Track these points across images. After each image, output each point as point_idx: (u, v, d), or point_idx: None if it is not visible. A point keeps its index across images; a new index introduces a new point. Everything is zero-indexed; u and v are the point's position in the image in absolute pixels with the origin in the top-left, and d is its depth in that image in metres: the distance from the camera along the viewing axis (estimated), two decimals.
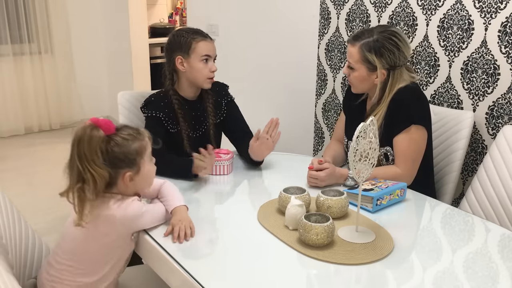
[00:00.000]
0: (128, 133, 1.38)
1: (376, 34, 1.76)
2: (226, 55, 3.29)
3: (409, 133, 1.76)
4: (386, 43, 1.75)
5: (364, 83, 1.82)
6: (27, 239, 1.53)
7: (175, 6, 5.77)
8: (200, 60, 1.91)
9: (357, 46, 1.78)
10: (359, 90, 1.88)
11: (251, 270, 1.25)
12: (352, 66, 1.80)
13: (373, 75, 1.79)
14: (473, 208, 1.81)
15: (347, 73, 1.86)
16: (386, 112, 1.78)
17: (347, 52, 1.84)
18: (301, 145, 2.93)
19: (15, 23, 4.57)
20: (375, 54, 1.75)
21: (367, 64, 1.77)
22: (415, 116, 1.77)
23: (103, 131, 1.32)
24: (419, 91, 1.85)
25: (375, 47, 1.75)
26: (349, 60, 1.82)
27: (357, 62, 1.79)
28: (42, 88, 4.86)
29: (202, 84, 1.96)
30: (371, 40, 1.76)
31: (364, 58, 1.77)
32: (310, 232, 1.30)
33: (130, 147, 1.37)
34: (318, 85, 2.76)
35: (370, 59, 1.76)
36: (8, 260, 1.32)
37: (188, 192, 1.76)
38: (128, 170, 1.37)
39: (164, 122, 1.95)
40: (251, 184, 1.86)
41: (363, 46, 1.76)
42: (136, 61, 4.77)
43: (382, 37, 1.76)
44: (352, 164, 1.31)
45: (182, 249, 1.34)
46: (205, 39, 1.94)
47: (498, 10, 1.87)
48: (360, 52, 1.77)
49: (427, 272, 1.24)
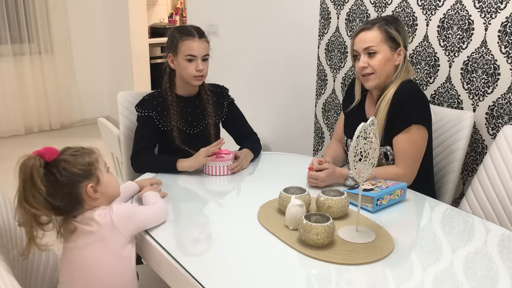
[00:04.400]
0: (74, 150, 1.38)
1: (383, 18, 1.82)
2: (226, 55, 3.29)
3: (409, 133, 1.76)
4: (397, 22, 1.83)
5: (388, 66, 1.80)
6: None
7: (175, 6, 5.77)
8: (185, 59, 1.93)
9: (375, 28, 1.78)
10: (382, 77, 1.81)
11: (251, 270, 1.25)
12: (374, 50, 1.77)
13: (394, 54, 1.81)
14: (473, 208, 1.81)
15: (366, 63, 1.79)
16: (388, 109, 1.78)
17: (359, 42, 1.80)
18: (301, 145, 2.93)
19: (15, 23, 4.57)
20: (396, 30, 1.79)
21: (390, 43, 1.79)
22: (415, 115, 1.77)
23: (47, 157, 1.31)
24: (419, 90, 1.85)
25: (392, 23, 1.80)
26: (368, 45, 1.77)
27: (380, 43, 1.77)
28: (42, 88, 4.86)
29: (189, 82, 1.98)
30: (383, 21, 1.80)
31: (387, 36, 1.78)
32: (310, 232, 1.30)
33: (82, 160, 1.36)
34: (318, 85, 2.76)
35: (394, 35, 1.78)
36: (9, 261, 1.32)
37: (189, 192, 1.76)
38: (88, 182, 1.36)
39: (155, 121, 1.99)
40: (251, 184, 1.86)
41: (381, 26, 1.78)
42: (136, 61, 4.77)
43: (390, 18, 1.84)
44: (352, 164, 1.31)
45: (182, 249, 1.34)
46: (191, 39, 1.93)
47: (498, 10, 1.87)
48: (382, 31, 1.78)
49: (427, 272, 1.24)
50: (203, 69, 1.95)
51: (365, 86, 1.87)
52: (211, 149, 1.86)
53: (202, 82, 1.99)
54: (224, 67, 3.31)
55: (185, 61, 1.94)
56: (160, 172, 1.89)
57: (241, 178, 1.89)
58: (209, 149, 1.86)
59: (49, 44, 4.79)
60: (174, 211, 1.60)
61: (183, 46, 1.94)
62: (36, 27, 4.67)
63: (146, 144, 1.97)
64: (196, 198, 1.72)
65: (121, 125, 2.21)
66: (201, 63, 1.94)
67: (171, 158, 1.89)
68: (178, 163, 1.87)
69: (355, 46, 1.83)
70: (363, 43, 1.79)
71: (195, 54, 1.93)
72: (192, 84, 1.98)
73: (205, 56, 1.97)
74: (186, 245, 1.39)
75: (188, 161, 1.88)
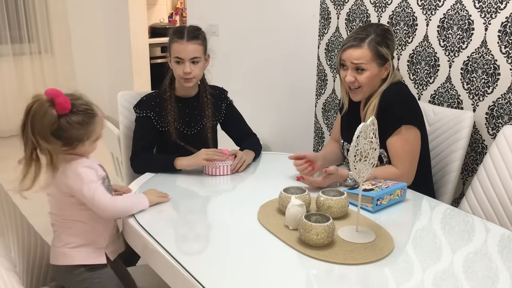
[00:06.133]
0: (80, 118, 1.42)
1: (374, 31, 1.78)
2: (226, 55, 3.29)
3: (400, 134, 1.77)
4: (387, 34, 1.80)
5: (375, 80, 1.80)
6: (29, 238, 1.54)
7: (175, 6, 5.77)
8: (174, 61, 1.95)
9: (364, 46, 1.76)
10: (367, 91, 1.82)
11: (251, 270, 1.25)
12: (363, 67, 1.76)
13: (382, 69, 1.80)
14: (473, 208, 1.81)
15: (352, 79, 1.79)
16: (377, 112, 1.78)
17: (348, 57, 1.78)
18: (301, 145, 2.93)
19: (15, 23, 4.57)
20: (384, 46, 1.77)
21: (378, 60, 1.77)
22: (403, 116, 1.77)
23: (57, 111, 1.37)
24: (406, 91, 1.85)
25: (382, 40, 1.77)
26: (357, 62, 1.76)
27: (368, 61, 1.76)
28: (42, 88, 4.82)
29: (180, 83, 1.99)
30: (375, 36, 1.76)
31: (376, 54, 1.76)
32: (311, 232, 1.30)
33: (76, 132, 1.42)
34: (318, 85, 2.76)
35: (383, 52, 1.77)
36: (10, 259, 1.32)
37: (189, 192, 1.76)
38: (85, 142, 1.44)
39: (153, 121, 1.99)
40: (251, 184, 1.86)
41: (371, 43, 1.76)
42: (136, 61, 4.77)
43: (380, 30, 1.79)
44: (352, 164, 1.31)
45: (182, 249, 1.34)
46: (179, 41, 1.92)
47: (498, 10, 1.87)
48: (372, 50, 1.76)
49: (427, 272, 1.24)
50: (191, 72, 1.93)
51: (352, 98, 1.88)
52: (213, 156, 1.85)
53: (192, 84, 1.97)
54: (224, 67, 3.31)
55: (175, 62, 1.94)
56: (160, 172, 1.89)
57: (241, 178, 1.89)
58: (209, 153, 1.86)
59: (49, 44, 4.79)
60: (174, 210, 1.60)
61: (172, 47, 1.94)
62: (36, 27, 4.66)
63: (145, 145, 1.97)
64: (196, 198, 1.72)
65: (121, 125, 2.21)
66: (189, 65, 1.92)
67: (169, 157, 1.89)
68: (176, 161, 1.87)
69: (343, 57, 1.81)
70: (351, 58, 1.78)
71: (181, 56, 1.92)
72: (182, 85, 1.98)
73: (194, 59, 1.93)
74: (186, 245, 1.39)
75: (187, 159, 1.88)
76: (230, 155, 1.89)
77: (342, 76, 1.84)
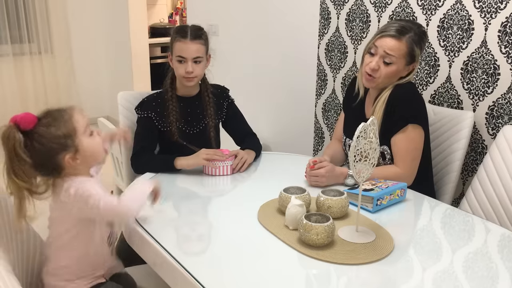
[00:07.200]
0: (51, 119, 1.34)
1: (415, 30, 1.77)
2: (226, 55, 3.30)
3: (406, 132, 1.77)
4: (423, 37, 1.80)
5: (396, 76, 1.80)
6: (29, 239, 1.53)
7: (175, 6, 5.77)
8: (176, 60, 1.94)
9: (404, 40, 1.74)
10: (383, 83, 1.80)
11: (251, 270, 1.25)
12: (393, 60, 1.75)
13: (405, 68, 1.80)
14: (473, 208, 1.81)
15: (376, 67, 1.76)
16: (384, 109, 1.78)
17: (383, 45, 1.75)
18: (301, 145, 2.93)
19: (15, 23, 4.57)
20: (419, 48, 1.78)
21: (408, 58, 1.77)
22: (411, 115, 1.77)
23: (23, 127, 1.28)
24: (415, 90, 1.86)
25: (418, 41, 1.77)
26: (390, 53, 1.74)
27: (400, 56, 1.75)
28: (42, 88, 4.85)
29: (181, 82, 1.99)
30: (414, 34, 1.76)
31: (410, 52, 1.76)
32: (311, 232, 1.30)
33: (57, 132, 1.32)
34: (318, 85, 2.76)
35: (416, 53, 1.77)
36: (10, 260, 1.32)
37: (189, 192, 1.76)
38: (65, 153, 1.34)
39: (155, 122, 1.99)
40: (251, 184, 1.86)
41: (410, 40, 1.75)
42: (136, 61, 4.77)
43: (420, 31, 1.79)
44: (352, 164, 1.31)
45: (182, 249, 1.34)
46: (182, 40, 1.92)
47: (498, 10, 1.87)
48: (408, 46, 1.75)
49: (427, 272, 1.24)
50: (193, 71, 1.93)
51: (365, 84, 1.86)
52: (213, 156, 1.85)
53: (193, 83, 1.97)
54: (224, 67, 3.31)
55: (177, 61, 1.94)
56: (160, 172, 1.89)
57: (241, 178, 1.89)
58: (209, 153, 1.86)
59: (49, 44, 4.78)
60: (174, 210, 1.60)
61: (175, 47, 1.94)
62: (36, 27, 4.66)
63: (145, 145, 1.97)
64: (196, 198, 1.72)
65: (121, 125, 2.21)
66: (191, 65, 1.92)
67: (169, 157, 1.90)
68: (176, 161, 1.87)
69: (377, 43, 1.77)
70: (386, 47, 1.75)
71: (184, 56, 1.92)
72: (184, 84, 1.99)
73: (197, 58, 1.94)
74: (186, 245, 1.39)
75: (187, 159, 1.88)
76: (230, 155, 1.89)
77: (367, 61, 1.81)
